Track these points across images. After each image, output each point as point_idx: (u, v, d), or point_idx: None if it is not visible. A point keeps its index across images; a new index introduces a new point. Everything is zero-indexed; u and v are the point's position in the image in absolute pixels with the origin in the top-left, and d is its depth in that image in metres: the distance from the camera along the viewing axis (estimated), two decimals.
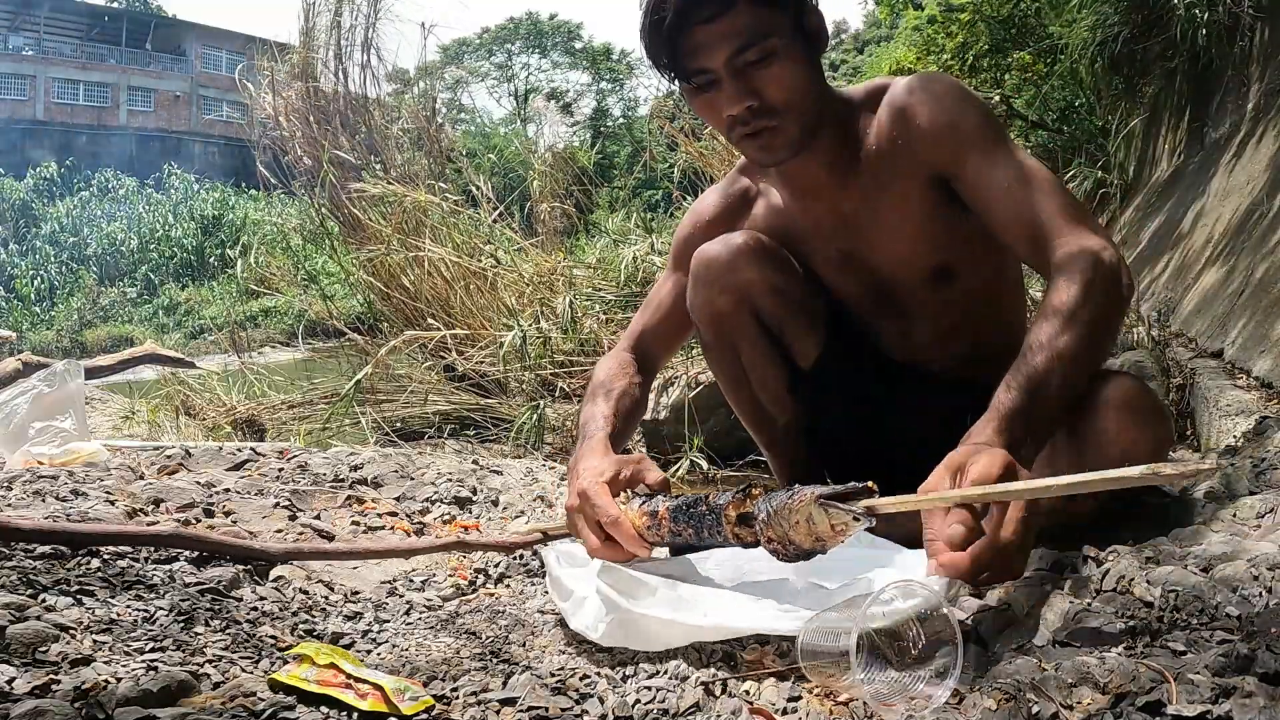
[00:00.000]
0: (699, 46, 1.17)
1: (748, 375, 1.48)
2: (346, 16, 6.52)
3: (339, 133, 6.02)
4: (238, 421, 4.28)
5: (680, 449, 3.30)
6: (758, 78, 1.18)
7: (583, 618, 0.99)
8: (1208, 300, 2.97)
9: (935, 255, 1.30)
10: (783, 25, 1.18)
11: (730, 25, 1.15)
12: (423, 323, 4.85)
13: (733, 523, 0.97)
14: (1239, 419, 1.89)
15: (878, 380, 1.43)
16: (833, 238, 1.35)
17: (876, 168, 1.27)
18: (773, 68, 1.17)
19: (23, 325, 17.15)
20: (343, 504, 1.61)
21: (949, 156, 1.22)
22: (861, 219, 1.31)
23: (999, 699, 0.69)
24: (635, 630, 0.93)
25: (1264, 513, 1.06)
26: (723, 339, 1.45)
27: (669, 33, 1.17)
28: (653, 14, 1.18)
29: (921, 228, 1.28)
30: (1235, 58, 4.05)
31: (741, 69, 1.17)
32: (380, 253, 5.16)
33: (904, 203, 1.27)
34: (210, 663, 0.87)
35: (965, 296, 1.33)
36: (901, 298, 1.35)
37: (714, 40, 1.16)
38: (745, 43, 1.15)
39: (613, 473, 1.12)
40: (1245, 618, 0.78)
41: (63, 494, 1.46)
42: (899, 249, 1.31)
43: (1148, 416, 1.05)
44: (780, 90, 1.19)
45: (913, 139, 1.23)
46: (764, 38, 1.16)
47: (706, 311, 1.41)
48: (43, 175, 23.41)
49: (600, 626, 0.95)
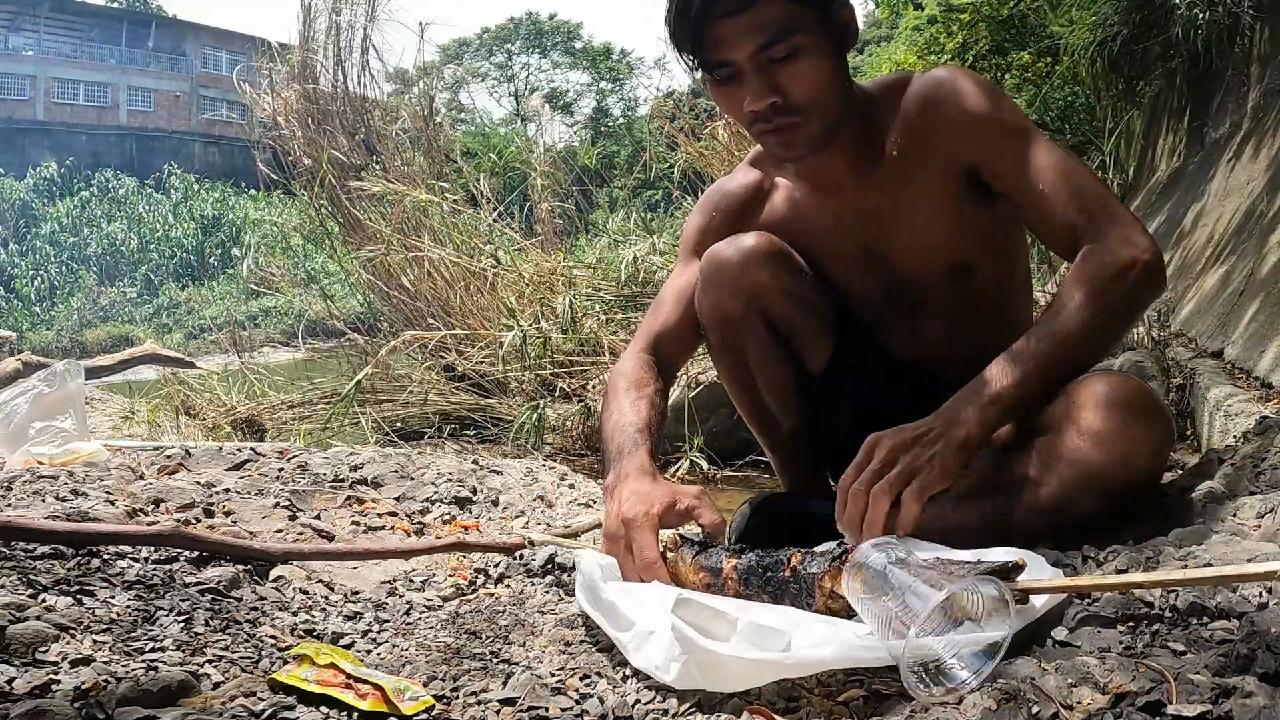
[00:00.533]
0: (724, 39, 1.15)
1: (755, 378, 1.45)
2: (345, 17, 6.52)
3: (338, 133, 6.02)
4: (238, 421, 4.28)
5: (680, 449, 3.30)
6: (782, 74, 1.16)
7: (650, 655, 0.85)
8: (1208, 300, 2.97)
9: (955, 250, 1.30)
10: (810, 20, 1.16)
11: (757, 19, 1.13)
12: (423, 323, 4.86)
13: (827, 594, 0.88)
14: (1239, 419, 1.89)
15: (886, 382, 1.42)
16: (853, 234, 1.34)
17: (900, 162, 1.27)
18: (798, 64, 1.16)
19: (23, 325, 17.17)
20: (343, 504, 1.61)
21: (985, 148, 1.22)
22: (884, 215, 1.30)
23: (999, 699, 0.69)
24: (715, 671, 0.80)
25: (1264, 513, 1.06)
26: (731, 342, 1.42)
27: (695, 21, 1.15)
28: (680, 3, 1.17)
29: (944, 222, 1.28)
30: (1235, 58, 4.05)
31: (766, 65, 1.15)
32: (380, 252, 5.16)
33: (928, 197, 1.27)
34: (210, 663, 0.87)
35: (979, 292, 1.33)
36: (917, 295, 1.35)
37: (739, 33, 1.14)
38: (771, 38, 1.14)
39: (664, 504, 1.06)
40: (1245, 618, 0.78)
41: (63, 494, 1.46)
42: (920, 244, 1.31)
43: (1149, 416, 1.05)
44: (804, 88, 1.17)
45: (944, 130, 1.23)
46: (790, 33, 1.14)
47: (715, 314, 1.39)
48: (43, 175, 23.43)
49: (673, 667, 0.82)
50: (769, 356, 1.42)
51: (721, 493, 3.04)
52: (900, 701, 0.75)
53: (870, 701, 0.77)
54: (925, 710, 0.72)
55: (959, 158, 1.24)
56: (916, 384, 1.37)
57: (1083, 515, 1.06)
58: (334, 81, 6.39)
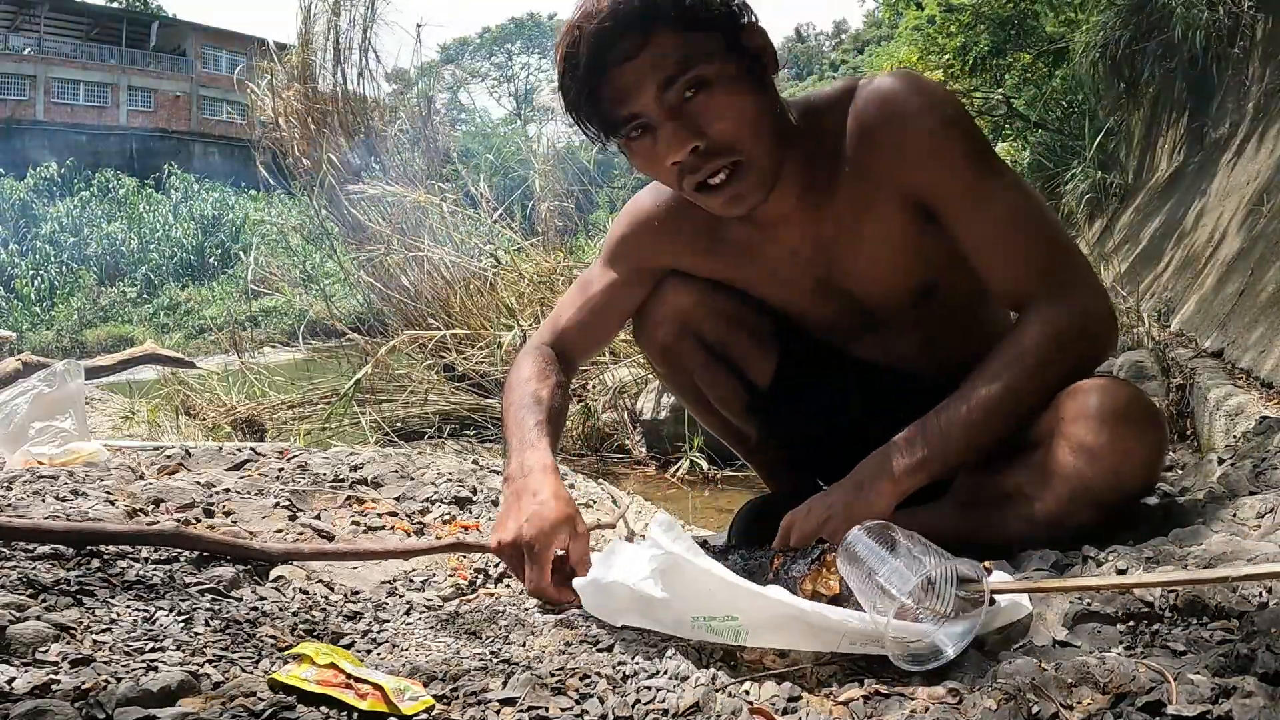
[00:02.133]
0: (624, 89, 1.03)
1: (707, 397, 1.45)
2: (344, 18, 6.53)
3: (337, 133, 6.03)
4: (238, 421, 4.28)
5: (680, 449, 3.30)
6: (696, 113, 1.03)
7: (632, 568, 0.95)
8: (1208, 300, 2.97)
9: (918, 274, 1.21)
10: (715, 48, 1.03)
11: (651, 58, 1.01)
12: (423, 323, 4.86)
13: (810, 595, 0.92)
14: (1239, 419, 1.89)
15: (857, 387, 1.36)
16: (808, 266, 1.24)
17: (853, 187, 1.14)
18: (712, 98, 1.03)
19: (23, 325, 17.16)
20: (343, 504, 1.61)
21: (928, 186, 1.11)
22: (840, 244, 1.20)
23: (999, 699, 0.69)
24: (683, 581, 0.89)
25: (1264, 513, 1.06)
26: (674, 367, 1.42)
27: (587, 77, 1.04)
28: (566, 63, 1.06)
29: (904, 247, 1.18)
30: (1235, 58, 4.05)
31: (677, 106, 1.03)
32: (380, 253, 5.16)
33: (883, 222, 1.16)
34: (210, 663, 0.87)
35: (946, 308, 1.25)
36: (881, 317, 1.28)
37: (637, 79, 1.02)
38: (672, 74, 1.02)
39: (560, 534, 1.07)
40: (1245, 618, 0.78)
41: (63, 494, 1.46)
42: (881, 271, 1.21)
43: (1142, 426, 1.03)
44: (725, 122, 1.04)
45: (888, 155, 1.10)
46: (693, 65, 1.02)
47: (651, 345, 1.39)
48: (43, 175, 23.42)
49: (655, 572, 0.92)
50: (713, 376, 1.41)
51: (721, 492, 3.04)
52: (900, 701, 0.75)
53: (870, 701, 0.77)
54: (925, 710, 0.72)
55: (904, 186, 1.12)
56: (888, 386, 1.32)
57: (1080, 527, 1.05)
58: (334, 82, 6.40)
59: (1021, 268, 1.10)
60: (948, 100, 1.13)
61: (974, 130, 1.13)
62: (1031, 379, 1.06)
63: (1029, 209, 1.11)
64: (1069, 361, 1.08)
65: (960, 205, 1.10)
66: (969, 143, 1.10)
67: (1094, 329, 1.08)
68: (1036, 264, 1.09)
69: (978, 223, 1.10)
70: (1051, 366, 1.06)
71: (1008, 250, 1.09)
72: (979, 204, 1.09)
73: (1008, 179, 1.12)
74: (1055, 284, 1.08)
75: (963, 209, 1.10)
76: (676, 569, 0.90)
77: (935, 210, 1.12)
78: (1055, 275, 1.08)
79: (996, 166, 1.12)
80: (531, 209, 6.41)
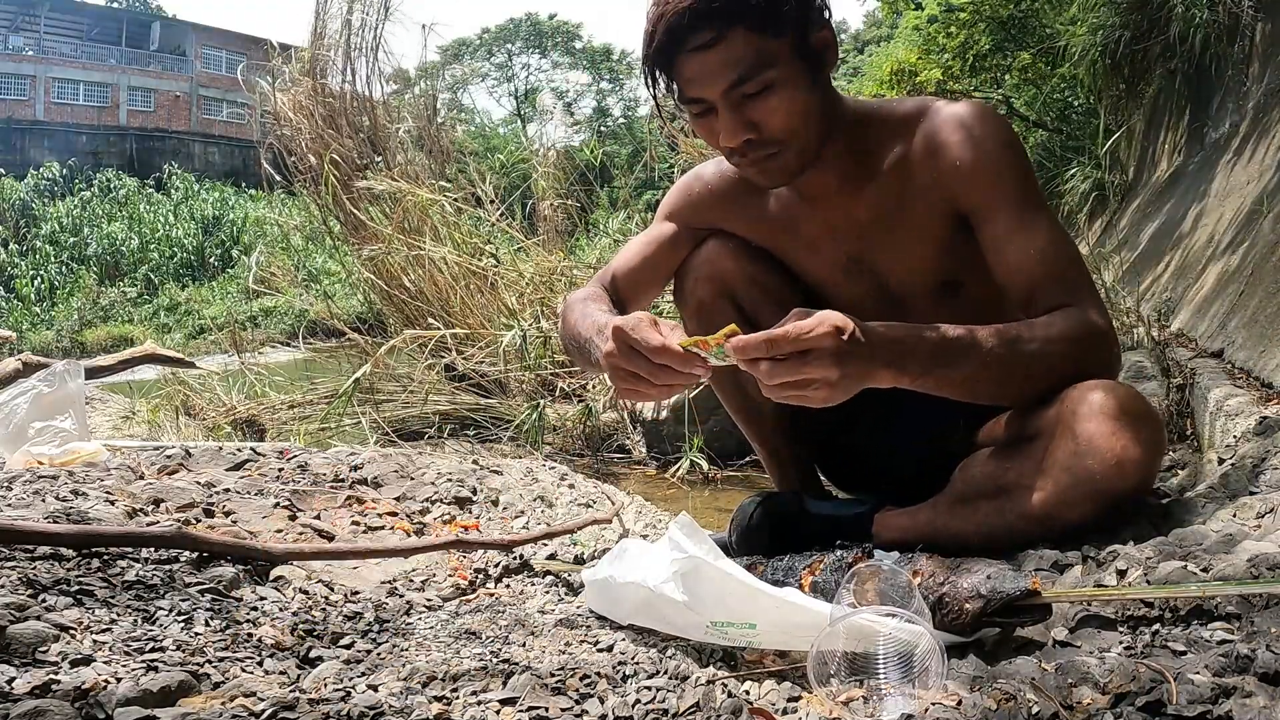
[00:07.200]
0: (694, 76, 1.13)
1: None
2: (358, 16, 6.54)
3: (344, 130, 6.03)
4: (238, 421, 4.28)
5: (680, 449, 3.30)
6: (756, 110, 1.14)
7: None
8: (1208, 300, 2.97)
9: (944, 268, 1.30)
10: (783, 52, 1.12)
11: (726, 56, 1.10)
12: (423, 322, 4.85)
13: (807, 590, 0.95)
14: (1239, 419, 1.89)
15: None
16: (843, 242, 1.34)
17: (900, 185, 1.25)
18: (772, 100, 1.13)
19: (23, 325, 17.15)
20: (343, 504, 1.61)
21: (981, 203, 1.20)
22: (875, 228, 1.30)
23: (999, 699, 0.69)
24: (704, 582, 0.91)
25: (1264, 513, 1.06)
26: (707, 327, 1.42)
27: (664, 55, 1.14)
28: (648, 37, 1.15)
29: (934, 243, 1.28)
30: (1235, 58, 4.05)
31: (739, 101, 1.13)
32: (381, 252, 5.16)
33: (921, 224, 1.26)
34: (210, 663, 0.87)
35: (968, 308, 1.30)
36: (904, 304, 1.34)
37: (709, 72, 1.11)
38: (742, 75, 1.11)
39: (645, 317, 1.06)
40: (1245, 617, 0.78)
41: (63, 494, 1.46)
42: (909, 259, 1.30)
43: (1139, 423, 1.04)
44: (780, 122, 1.15)
45: (947, 175, 1.21)
46: (762, 69, 1.11)
47: (692, 301, 1.44)
48: (43, 175, 23.42)
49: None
50: None
51: (722, 492, 3.05)
52: (900, 701, 0.75)
53: (870, 701, 0.77)
54: (925, 711, 0.72)
55: (955, 201, 1.23)
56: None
57: (1074, 522, 1.07)
58: (343, 79, 6.41)
59: (1050, 282, 1.17)
60: (1013, 135, 1.24)
61: (1029, 165, 1.24)
62: (1028, 359, 1.10)
63: (1067, 245, 1.20)
64: (1067, 362, 1.11)
65: (1005, 227, 1.19)
66: (1026, 174, 1.22)
67: (1098, 345, 1.14)
68: (1062, 288, 1.16)
69: (1016, 247, 1.18)
70: (1049, 359, 1.10)
71: (1035, 274, 1.17)
72: (1022, 229, 1.18)
73: (1047, 213, 1.21)
74: (1075, 302, 1.15)
75: (1006, 229, 1.19)
76: (698, 573, 0.91)
77: (977, 225, 1.22)
78: (1074, 295, 1.16)
79: (1040, 200, 1.22)
80: (532, 209, 6.41)
